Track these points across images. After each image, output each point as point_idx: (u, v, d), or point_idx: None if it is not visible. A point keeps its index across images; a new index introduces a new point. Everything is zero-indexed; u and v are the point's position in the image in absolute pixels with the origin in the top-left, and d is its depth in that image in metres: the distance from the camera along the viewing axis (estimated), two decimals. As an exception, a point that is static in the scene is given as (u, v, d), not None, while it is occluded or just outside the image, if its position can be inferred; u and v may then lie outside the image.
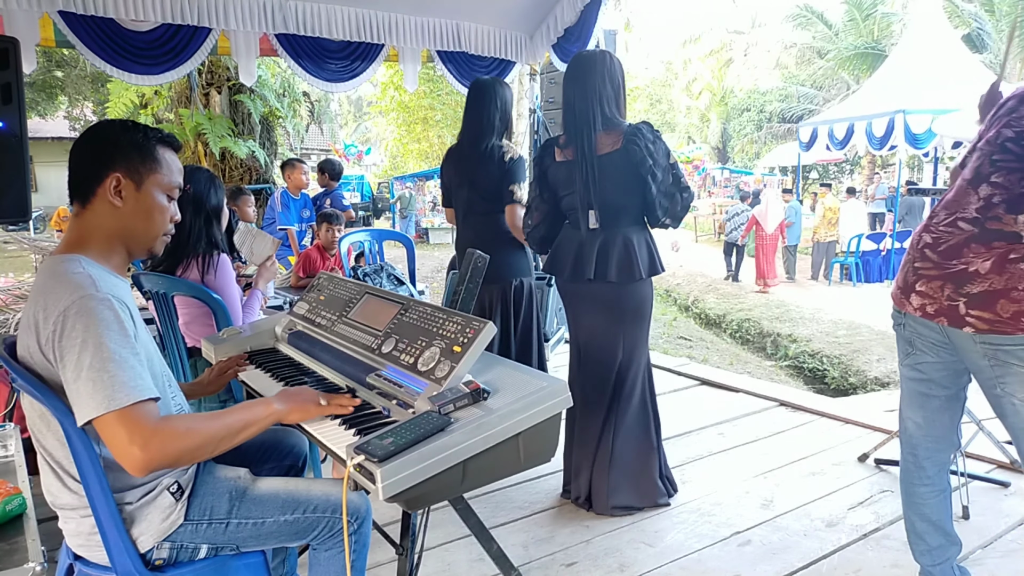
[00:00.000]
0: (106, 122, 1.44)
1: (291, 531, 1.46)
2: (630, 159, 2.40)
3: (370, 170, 24.60)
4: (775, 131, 24.19)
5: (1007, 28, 16.12)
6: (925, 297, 1.75)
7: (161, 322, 2.57)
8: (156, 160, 1.41)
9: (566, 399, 1.43)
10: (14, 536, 1.45)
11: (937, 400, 1.87)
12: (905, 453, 1.97)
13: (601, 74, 2.47)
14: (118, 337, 1.22)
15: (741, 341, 9.89)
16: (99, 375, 1.18)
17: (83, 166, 1.37)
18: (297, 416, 1.43)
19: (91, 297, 1.23)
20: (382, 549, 2.14)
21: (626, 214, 2.50)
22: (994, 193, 1.68)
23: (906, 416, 1.94)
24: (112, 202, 1.36)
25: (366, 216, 18.43)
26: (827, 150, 12.09)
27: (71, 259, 1.31)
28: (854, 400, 5.63)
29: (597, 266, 2.49)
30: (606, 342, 2.58)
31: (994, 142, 1.72)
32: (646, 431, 2.64)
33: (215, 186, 2.54)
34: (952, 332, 1.72)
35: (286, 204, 5.70)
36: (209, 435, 1.28)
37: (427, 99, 17.42)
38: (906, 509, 1.99)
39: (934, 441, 1.89)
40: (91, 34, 3.35)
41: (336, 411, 1.46)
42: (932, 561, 1.96)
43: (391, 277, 3.72)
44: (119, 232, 1.39)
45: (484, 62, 4.54)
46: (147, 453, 1.18)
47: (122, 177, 1.36)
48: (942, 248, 1.73)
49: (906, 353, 1.89)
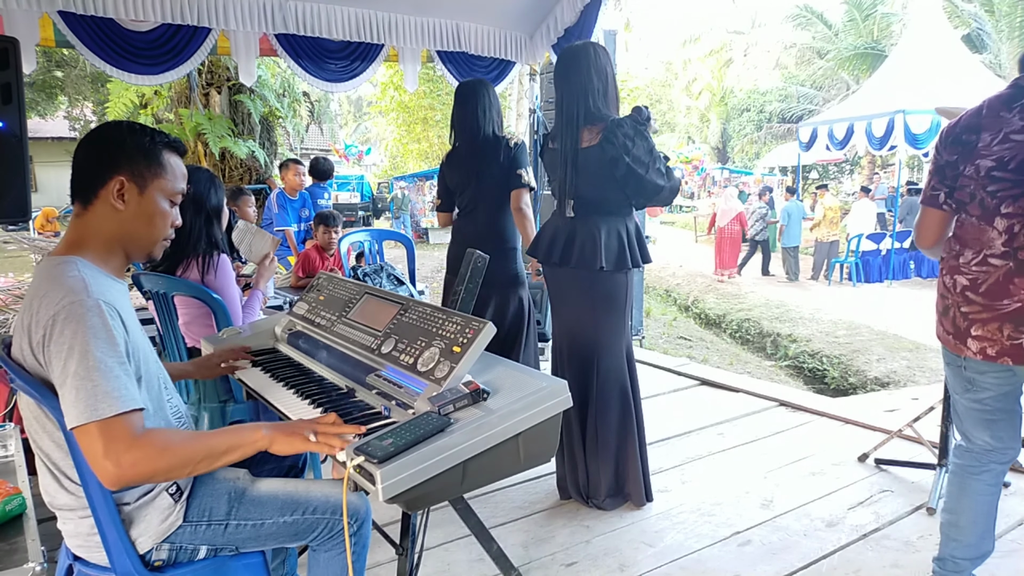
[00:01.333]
0: (113, 123, 1.42)
1: (290, 532, 1.46)
2: (604, 155, 2.44)
3: (370, 170, 24.59)
4: (775, 131, 24.18)
5: (1007, 28, 16.12)
6: (984, 341, 1.78)
7: (161, 322, 2.57)
8: (161, 165, 1.40)
9: (566, 399, 1.43)
10: (14, 536, 1.45)
11: (1002, 421, 1.91)
12: (966, 455, 1.98)
13: (587, 67, 2.49)
14: (105, 345, 1.20)
15: (741, 341, 9.88)
16: (83, 383, 1.17)
17: (87, 167, 1.36)
18: (281, 448, 1.33)
19: (81, 303, 1.21)
20: (382, 549, 2.14)
21: (600, 207, 2.54)
22: (1012, 223, 1.71)
23: (973, 435, 1.96)
24: (114, 205, 1.35)
25: (366, 216, 18.43)
26: (827, 150, 12.09)
27: (67, 260, 1.30)
28: (854, 400, 5.62)
29: (563, 252, 2.56)
30: (579, 329, 2.62)
31: (978, 176, 1.75)
32: (625, 426, 2.63)
33: (215, 186, 2.54)
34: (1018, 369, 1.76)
35: (282, 205, 5.69)
36: (187, 456, 1.24)
37: (427, 99, 17.42)
38: (953, 503, 1.99)
39: (1001, 450, 1.94)
40: (91, 34, 3.35)
41: (323, 450, 1.31)
42: (965, 556, 1.96)
43: (391, 277, 3.72)
44: (119, 235, 1.38)
45: (484, 62, 4.54)
46: (119, 469, 1.16)
47: (126, 180, 1.35)
48: (984, 288, 1.76)
49: (966, 389, 1.91)
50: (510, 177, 2.97)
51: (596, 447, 2.61)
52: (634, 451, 2.64)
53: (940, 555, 2.02)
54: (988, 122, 1.75)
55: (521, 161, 2.97)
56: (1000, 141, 1.71)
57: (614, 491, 2.66)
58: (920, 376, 6.95)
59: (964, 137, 1.78)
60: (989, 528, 1.97)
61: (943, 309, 1.89)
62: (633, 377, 2.66)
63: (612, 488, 2.65)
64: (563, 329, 2.71)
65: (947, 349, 1.92)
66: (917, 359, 7.44)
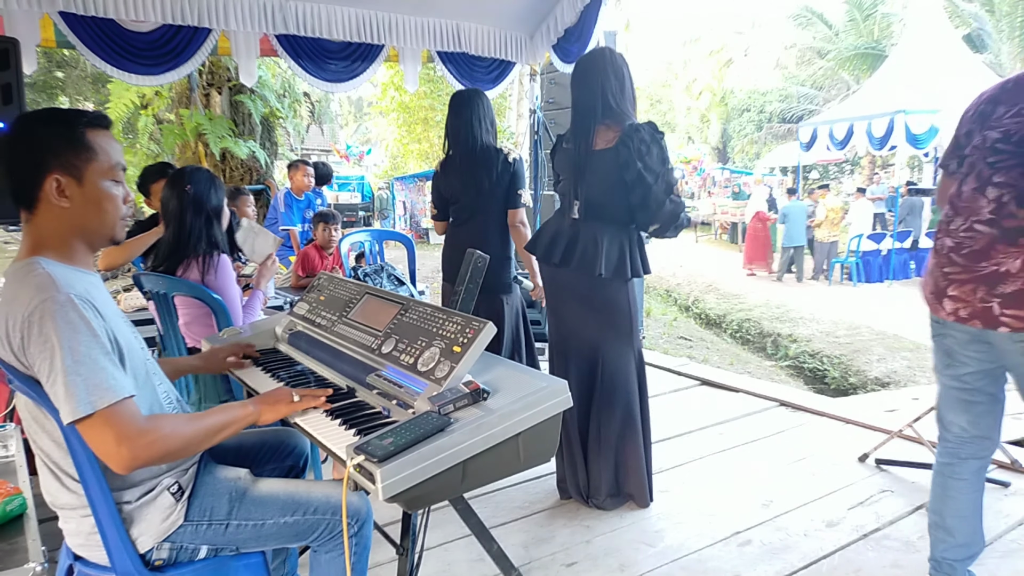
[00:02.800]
0: (28, 118, 1.34)
1: (291, 532, 1.46)
2: (618, 160, 2.43)
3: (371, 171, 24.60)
4: (775, 131, 24.16)
5: (1007, 28, 16.12)
6: (958, 301, 1.78)
7: (162, 322, 2.57)
8: (90, 148, 1.32)
9: (566, 399, 1.43)
10: (14, 536, 1.45)
11: (981, 405, 1.90)
12: (945, 451, 1.98)
13: (603, 68, 2.51)
14: (85, 338, 1.20)
15: (741, 341, 9.88)
16: (72, 378, 1.17)
17: (17, 172, 1.30)
18: (269, 415, 1.45)
19: (52, 299, 1.20)
20: (382, 549, 2.14)
21: (606, 213, 2.53)
22: (1002, 193, 1.72)
23: (949, 420, 1.96)
24: (58, 204, 1.30)
25: (367, 216, 18.43)
26: (827, 150, 12.09)
27: (30, 262, 1.28)
28: (854, 400, 5.62)
29: (564, 254, 2.56)
30: (580, 330, 2.62)
31: (983, 147, 1.77)
32: (631, 427, 2.62)
33: (215, 186, 2.54)
34: (989, 335, 1.74)
35: (289, 205, 5.73)
36: (191, 435, 1.30)
37: (427, 99, 17.41)
38: (937, 504, 1.99)
39: (978, 440, 1.93)
40: (91, 35, 3.35)
41: (308, 405, 1.48)
42: (956, 556, 1.96)
43: (391, 277, 3.73)
44: (74, 231, 1.34)
45: (484, 62, 4.54)
46: (133, 452, 1.19)
47: (61, 177, 1.29)
48: (966, 251, 1.77)
49: (946, 364, 1.91)
50: (509, 194, 2.96)
51: (598, 447, 2.61)
52: (639, 452, 2.64)
53: (932, 555, 2.02)
54: (1009, 96, 1.76)
55: (522, 180, 2.98)
56: (1013, 115, 1.72)
57: (615, 491, 2.66)
58: (920, 376, 6.95)
59: (983, 108, 1.80)
60: (977, 527, 1.96)
61: (930, 270, 1.91)
62: (642, 382, 2.67)
63: (612, 488, 2.65)
64: (562, 330, 2.70)
65: (931, 314, 1.92)
66: (917, 359, 7.43)
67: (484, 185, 2.96)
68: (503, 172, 2.94)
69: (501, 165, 2.94)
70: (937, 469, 2.00)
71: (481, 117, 2.99)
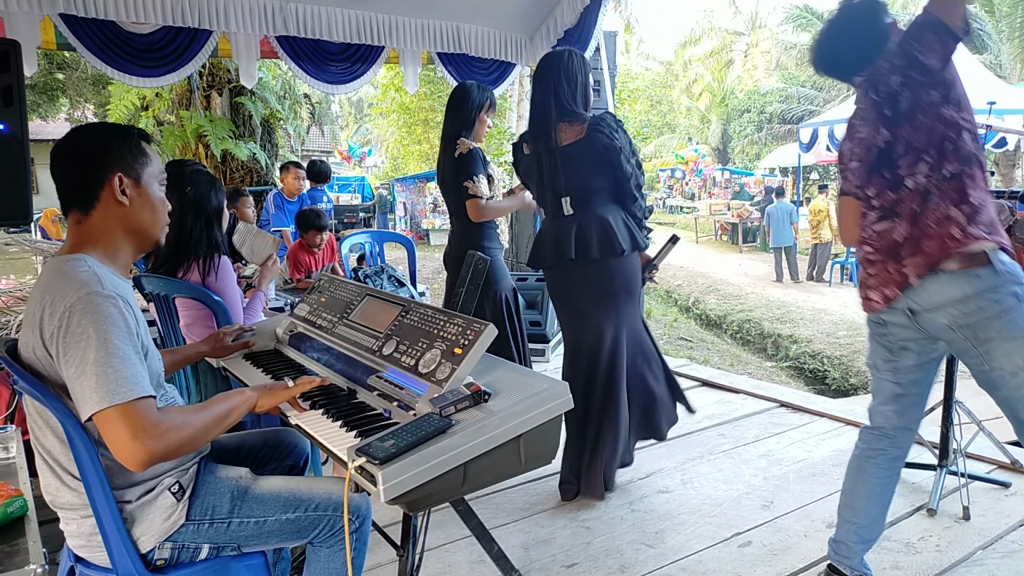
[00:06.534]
0: (90, 129, 1.46)
1: (292, 530, 1.47)
2: (595, 145, 2.50)
3: (371, 171, 24.62)
4: (775, 132, 24.15)
5: (1007, 28, 16.12)
6: (881, 286, 1.87)
7: (162, 324, 2.57)
8: (145, 154, 1.46)
9: (567, 401, 1.43)
10: (15, 538, 1.45)
11: (909, 398, 1.97)
12: (869, 438, 2.03)
13: (557, 71, 2.57)
14: (123, 334, 1.25)
15: (742, 342, 9.88)
16: (103, 369, 1.21)
17: (78, 175, 1.40)
18: (266, 403, 1.49)
19: (97, 294, 1.26)
20: (383, 550, 2.14)
21: (598, 196, 2.57)
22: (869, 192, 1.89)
23: (877, 410, 2.02)
24: (119, 201, 1.39)
25: (367, 217, 18.44)
26: (827, 151, 12.06)
27: (76, 258, 1.34)
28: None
29: (577, 247, 2.56)
30: (599, 324, 2.62)
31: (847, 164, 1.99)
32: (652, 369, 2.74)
33: (216, 188, 2.54)
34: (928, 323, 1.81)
35: (279, 206, 5.69)
36: (200, 425, 1.33)
37: (428, 101, 17.41)
38: (850, 485, 2.05)
39: (901, 431, 1.99)
40: (92, 36, 3.36)
41: (304, 388, 1.54)
42: (856, 539, 2.00)
43: (392, 279, 3.73)
44: (128, 229, 1.43)
45: (484, 64, 4.55)
46: (148, 446, 1.21)
47: (123, 176, 1.40)
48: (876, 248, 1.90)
49: (885, 359, 1.97)
50: (459, 190, 2.91)
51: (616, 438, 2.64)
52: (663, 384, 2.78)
53: (835, 537, 2.06)
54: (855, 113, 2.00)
55: (466, 172, 2.86)
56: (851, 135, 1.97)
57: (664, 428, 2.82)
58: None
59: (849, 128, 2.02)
60: (881, 514, 2.02)
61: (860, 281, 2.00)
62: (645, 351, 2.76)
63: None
64: (577, 330, 2.69)
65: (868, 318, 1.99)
66: (918, 360, 7.42)
67: (450, 187, 3.00)
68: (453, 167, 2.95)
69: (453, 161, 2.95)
70: (856, 454, 2.06)
71: (463, 112, 2.96)
